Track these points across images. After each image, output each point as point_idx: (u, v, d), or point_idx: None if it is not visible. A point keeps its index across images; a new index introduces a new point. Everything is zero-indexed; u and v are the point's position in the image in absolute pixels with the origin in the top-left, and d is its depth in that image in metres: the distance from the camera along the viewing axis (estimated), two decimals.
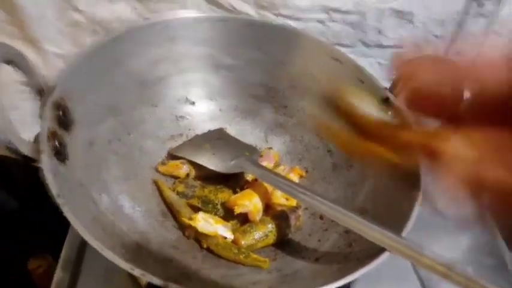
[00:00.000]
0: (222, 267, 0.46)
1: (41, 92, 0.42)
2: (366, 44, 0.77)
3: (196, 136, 0.61)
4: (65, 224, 0.54)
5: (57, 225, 0.54)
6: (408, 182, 0.45)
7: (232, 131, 0.62)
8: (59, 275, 0.50)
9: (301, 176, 0.58)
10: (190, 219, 0.48)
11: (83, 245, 0.53)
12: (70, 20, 0.66)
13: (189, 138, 0.61)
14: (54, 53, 0.68)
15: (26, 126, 0.39)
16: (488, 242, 0.62)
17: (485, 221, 0.64)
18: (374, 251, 0.40)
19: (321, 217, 0.53)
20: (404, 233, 0.41)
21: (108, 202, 0.45)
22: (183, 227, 0.49)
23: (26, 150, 0.37)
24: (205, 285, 0.35)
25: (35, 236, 0.87)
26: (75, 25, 0.67)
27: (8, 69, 0.43)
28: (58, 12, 0.64)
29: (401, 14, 0.74)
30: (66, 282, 0.50)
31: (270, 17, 0.69)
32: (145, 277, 0.33)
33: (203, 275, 0.43)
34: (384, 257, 0.38)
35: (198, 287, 0.34)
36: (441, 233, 0.64)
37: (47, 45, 0.67)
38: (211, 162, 0.55)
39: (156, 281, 0.33)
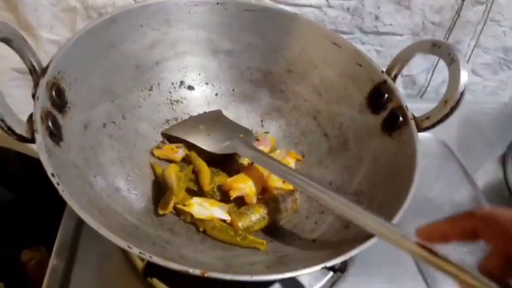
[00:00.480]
0: (218, 249, 0.46)
1: (36, 72, 0.42)
2: (363, 31, 0.77)
3: (192, 117, 0.60)
4: (59, 216, 0.54)
5: (51, 217, 0.54)
6: (403, 165, 0.45)
7: (228, 115, 0.62)
8: (53, 262, 0.50)
9: (297, 160, 0.58)
10: (185, 205, 0.48)
11: (77, 232, 0.53)
12: (65, 6, 0.65)
13: None
14: (48, 39, 0.67)
15: (19, 114, 0.39)
16: None
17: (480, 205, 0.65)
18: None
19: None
20: (400, 213, 0.41)
21: (104, 184, 0.45)
22: (179, 212, 0.49)
23: (19, 130, 0.36)
24: (203, 265, 0.35)
25: (28, 227, 0.87)
26: (71, 11, 0.66)
27: (1, 54, 0.42)
28: None
29: (398, 0, 0.73)
30: (60, 269, 0.50)
31: (268, 2, 0.69)
32: (144, 256, 0.33)
33: (200, 256, 0.43)
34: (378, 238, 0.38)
35: (196, 266, 0.33)
36: (438, 218, 0.64)
37: (42, 32, 0.66)
38: (205, 143, 0.55)
39: (155, 259, 0.33)
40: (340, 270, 0.50)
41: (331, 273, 0.50)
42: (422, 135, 0.64)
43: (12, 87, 0.66)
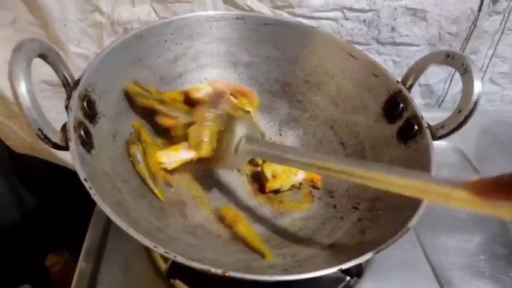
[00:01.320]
0: (239, 253, 0.48)
1: (68, 85, 0.45)
2: (379, 42, 0.78)
3: None
4: (83, 222, 0.57)
5: (74, 222, 0.57)
6: (419, 169, 0.47)
7: None
8: (81, 265, 0.52)
9: None
10: (156, 163, 0.51)
11: (104, 236, 0.56)
12: (92, 22, 0.68)
13: None
14: (77, 53, 0.70)
15: (51, 122, 0.42)
16: (500, 233, 0.62)
17: None
18: (387, 237, 0.41)
19: (334, 206, 0.54)
20: (415, 220, 0.42)
21: (130, 190, 0.47)
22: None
23: (54, 138, 0.39)
24: (224, 266, 0.37)
25: (53, 233, 0.90)
26: (97, 26, 0.69)
27: (33, 68, 0.45)
28: (81, 14, 0.67)
29: (414, 12, 0.75)
30: (88, 272, 0.52)
31: (285, 16, 0.71)
32: (169, 255, 0.35)
33: (221, 258, 0.45)
34: (394, 240, 0.39)
35: (218, 267, 0.35)
36: (456, 226, 0.64)
37: (71, 46, 0.70)
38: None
39: (179, 259, 0.35)
40: (356, 275, 0.51)
41: (348, 278, 0.51)
42: (439, 144, 0.65)
43: (42, 98, 0.69)
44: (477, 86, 0.47)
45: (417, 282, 0.55)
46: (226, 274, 0.35)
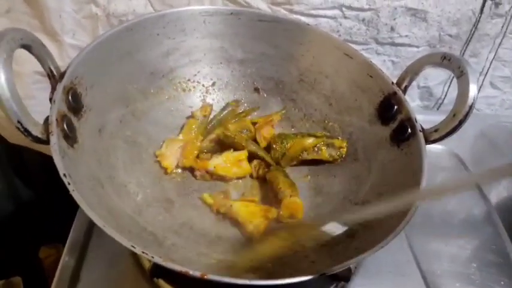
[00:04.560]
0: (224, 253, 0.47)
1: (54, 77, 0.44)
2: (378, 42, 0.77)
3: None
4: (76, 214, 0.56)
5: (69, 215, 0.56)
6: (410, 176, 0.46)
7: None
8: (64, 259, 0.52)
9: None
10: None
11: (89, 230, 0.55)
12: (88, 13, 0.68)
13: None
14: (71, 44, 0.70)
15: (43, 114, 0.41)
16: (493, 240, 0.61)
17: (492, 220, 0.64)
18: (375, 242, 0.40)
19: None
20: (404, 224, 0.41)
21: (115, 186, 0.46)
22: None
23: (35, 131, 0.38)
24: (205, 268, 0.36)
25: (47, 225, 0.89)
26: (92, 18, 0.68)
27: (26, 58, 0.45)
28: (77, 5, 0.66)
29: (414, 12, 0.73)
30: (71, 266, 0.51)
31: (283, 13, 0.70)
32: (146, 255, 0.34)
33: (204, 259, 0.44)
34: (380, 246, 0.38)
35: (201, 267, 0.34)
36: (450, 233, 0.64)
37: (66, 37, 0.69)
38: None
39: (157, 259, 0.34)
40: (344, 279, 0.50)
41: (335, 283, 0.51)
42: (435, 148, 0.65)
43: (36, 89, 0.69)
44: (472, 90, 0.46)
45: (406, 287, 0.54)
46: (205, 277, 0.34)
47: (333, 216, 0.51)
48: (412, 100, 0.87)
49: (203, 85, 0.63)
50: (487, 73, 0.86)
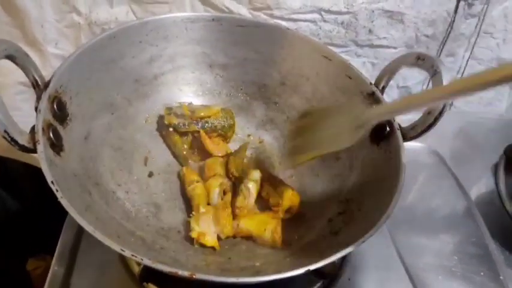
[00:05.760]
0: (212, 255, 0.48)
1: (38, 86, 0.44)
2: (357, 44, 0.79)
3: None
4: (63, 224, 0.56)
5: (56, 227, 0.56)
6: (389, 173, 0.47)
7: None
8: (53, 269, 0.52)
9: None
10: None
11: (77, 238, 0.55)
12: (70, 22, 0.68)
13: None
14: (54, 54, 0.70)
15: (27, 124, 0.41)
16: (473, 234, 0.63)
17: (472, 215, 0.66)
18: (357, 238, 0.41)
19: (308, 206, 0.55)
20: (385, 219, 0.42)
21: (103, 193, 0.47)
22: None
23: (22, 140, 0.39)
24: (196, 269, 0.37)
25: (34, 237, 0.88)
26: (75, 27, 0.69)
27: (9, 70, 0.45)
28: (59, 15, 0.66)
29: (391, 14, 0.75)
30: (60, 276, 0.51)
31: (263, 18, 0.71)
32: (136, 258, 0.35)
33: (193, 261, 0.45)
34: (362, 241, 0.40)
35: (187, 269, 0.35)
36: (432, 228, 0.65)
37: (48, 47, 0.69)
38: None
39: (146, 261, 0.35)
40: (329, 277, 0.52)
41: (321, 280, 0.52)
42: (414, 146, 0.66)
43: (20, 100, 0.69)
44: None
45: (391, 283, 0.55)
46: (194, 276, 0.35)
47: None
48: (392, 100, 0.89)
49: (187, 90, 0.64)
50: (463, 72, 0.88)
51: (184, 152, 0.59)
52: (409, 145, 0.50)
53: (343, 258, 0.53)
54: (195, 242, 0.48)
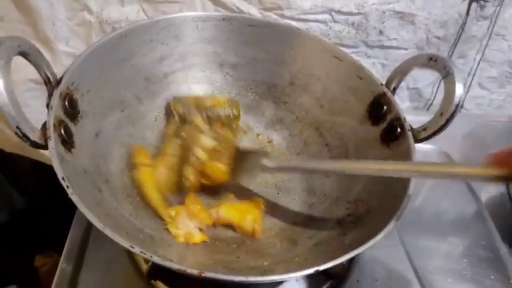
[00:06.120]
0: (220, 254, 0.48)
1: (50, 83, 0.44)
2: (368, 45, 0.79)
3: None
4: (71, 223, 0.57)
5: (64, 224, 0.57)
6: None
7: None
8: (62, 265, 0.52)
9: None
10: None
11: (86, 236, 0.55)
12: (81, 20, 0.68)
13: None
14: (65, 52, 0.70)
15: (37, 121, 0.42)
16: (483, 237, 0.62)
17: (482, 218, 0.65)
18: (365, 239, 0.41)
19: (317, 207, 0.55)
20: (393, 223, 0.42)
21: (112, 189, 0.47)
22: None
23: (33, 136, 0.39)
24: (202, 267, 0.37)
25: (42, 234, 0.89)
26: (86, 25, 0.69)
27: (19, 67, 0.45)
28: (70, 13, 0.67)
29: (402, 15, 0.75)
30: (69, 272, 0.52)
31: (273, 18, 0.71)
32: (145, 255, 0.35)
33: (201, 259, 0.45)
34: (372, 242, 0.39)
35: (198, 267, 0.35)
36: (442, 230, 0.65)
37: (59, 45, 0.69)
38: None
39: (155, 259, 0.35)
40: (338, 277, 0.51)
41: (329, 281, 0.51)
42: (425, 147, 0.66)
43: (30, 97, 0.69)
44: (459, 89, 0.47)
45: (399, 285, 0.55)
46: (202, 275, 0.35)
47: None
48: (402, 101, 0.89)
49: (197, 89, 0.64)
50: (474, 74, 0.88)
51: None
52: (419, 147, 0.49)
53: (352, 259, 0.53)
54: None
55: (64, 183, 0.37)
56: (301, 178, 0.59)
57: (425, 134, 0.50)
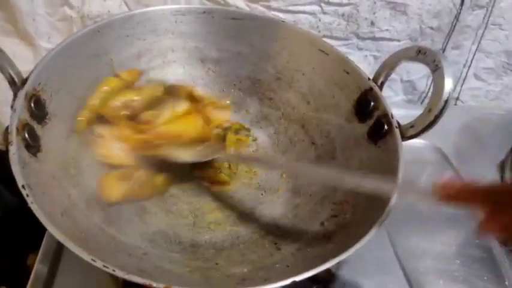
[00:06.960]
0: (198, 261, 0.46)
1: (15, 84, 0.42)
2: (359, 37, 0.76)
3: None
4: None
5: None
6: (387, 173, 0.45)
7: None
8: (37, 267, 0.50)
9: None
10: None
11: None
12: (62, 16, 0.66)
13: None
14: (47, 48, 0.68)
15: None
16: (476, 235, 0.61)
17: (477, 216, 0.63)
18: (352, 244, 0.39)
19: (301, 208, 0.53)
20: (380, 222, 0.40)
21: (83, 195, 0.45)
22: None
23: None
24: (177, 277, 0.35)
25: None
26: (67, 20, 0.67)
27: None
28: (50, 8, 0.65)
29: (394, 5, 0.72)
30: (44, 275, 0.50)
31: (260, 10, 0.69)
32: (107, 269, 0.33)
33: (177, 268, 0.43)
34: (360, 245, 0.37)
35: (170, 278, 0.33)
36: (433, 230, 0.63)
37: (40, 41, 0.67)
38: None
39: (118, 273, 0.33)
40: (324, 281, 0.50)
41: (315, 286, 0.50)
42: (417, 142, 0.64)
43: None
44: (448, 84, 0.44)
45: (389, 287, 0.53)
46: None
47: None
48: (396, 94, 0.87)
49: None
50: (470, 65, 0.85)
51: None
52: (411, 142, 0.47)
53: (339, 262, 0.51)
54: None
55: (24, 192, 0.35)
56: (286, 177, 0.57)
57: (413, 132, 0.47)
